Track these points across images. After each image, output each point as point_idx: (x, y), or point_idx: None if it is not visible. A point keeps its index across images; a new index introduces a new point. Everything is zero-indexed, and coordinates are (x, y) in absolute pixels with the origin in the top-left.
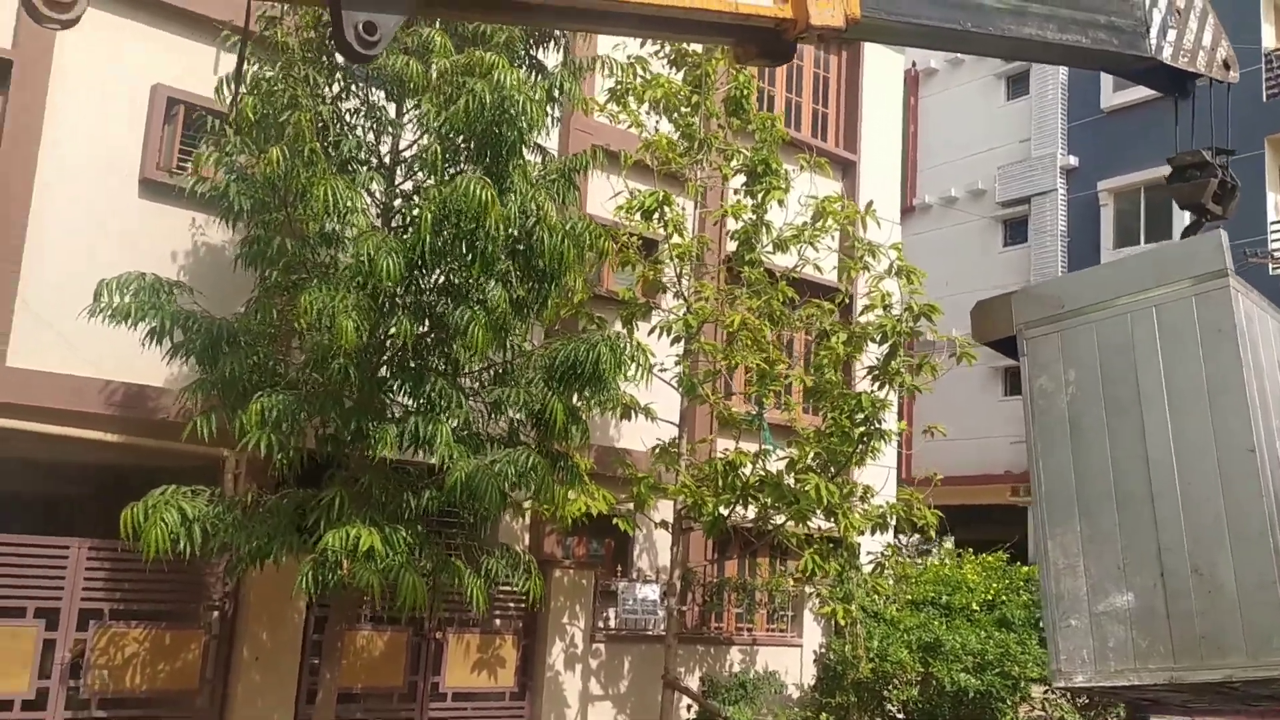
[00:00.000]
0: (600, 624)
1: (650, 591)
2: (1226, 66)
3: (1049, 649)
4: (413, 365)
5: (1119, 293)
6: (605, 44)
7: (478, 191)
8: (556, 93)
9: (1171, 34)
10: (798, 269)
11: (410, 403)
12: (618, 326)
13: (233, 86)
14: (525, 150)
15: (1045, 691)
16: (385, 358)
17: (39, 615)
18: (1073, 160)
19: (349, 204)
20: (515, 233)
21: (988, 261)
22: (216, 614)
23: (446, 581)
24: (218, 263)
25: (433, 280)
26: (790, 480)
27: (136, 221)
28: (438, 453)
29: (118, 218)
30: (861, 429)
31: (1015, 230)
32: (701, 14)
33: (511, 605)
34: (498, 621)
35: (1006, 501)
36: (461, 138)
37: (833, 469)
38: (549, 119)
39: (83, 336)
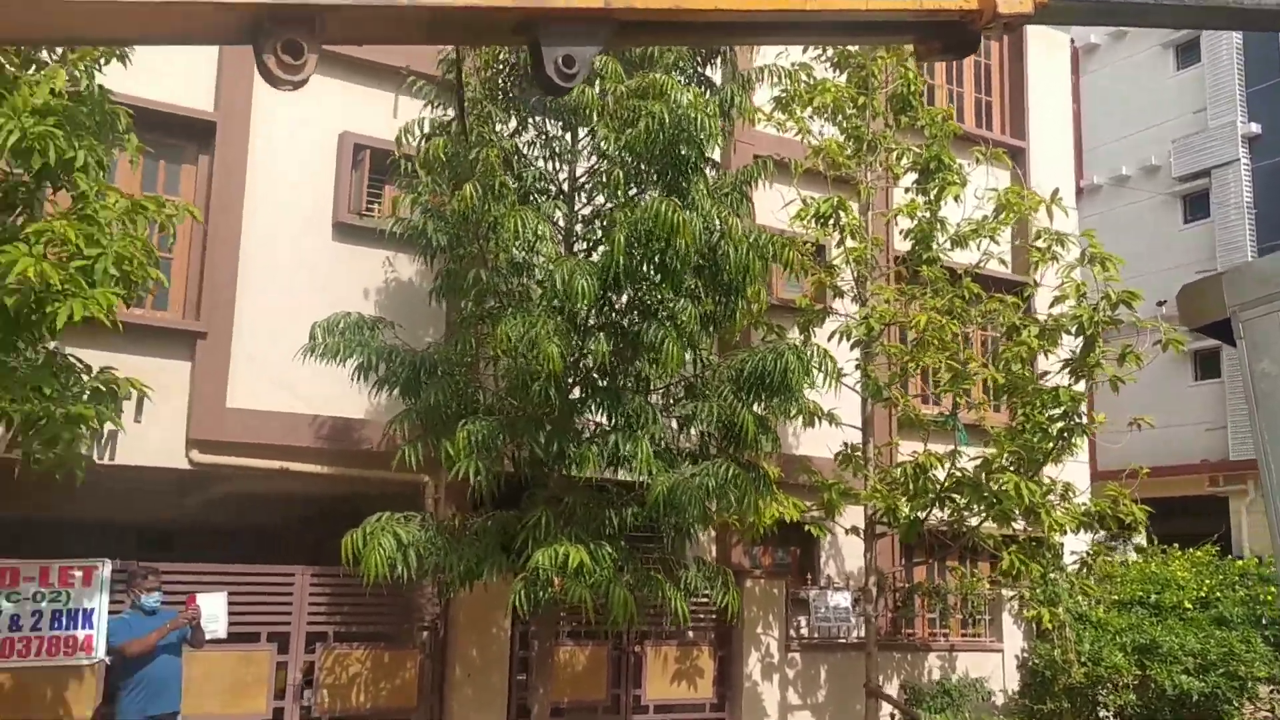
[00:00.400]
0: (794, 633)
1: (842, 599)
2: None
3: None
4: (604, 385)
5: None
6: (768, 53)
7: (667, 214)
8: (729, 107)
9: None
10: (981, 264)
11: (604, 421)
12: (793, 334)
13: (421, 130)
14: (704, 166)
15: (1272, 691)
16: (580, 379)
17: (271, 639)
18: (1255, 127)
19: (538, 233)
20: (701, 249)
21: (1167, 240)
22: (427, 634)
23: (650, 595)
24: (409, 297)
25: (622, 300)
26: (984, 479)
27: (332, 263)
28: (638, 469)
29: (315, 261)
30: (1060, 424)
31: (1195, 205)
32: (887, 14)
33: (704, 617)
34: (691, 634)
35: (1205, 492)
36: (642, 160)
37: (1029, 467)
38: (723, 134)
39: (292, 375)
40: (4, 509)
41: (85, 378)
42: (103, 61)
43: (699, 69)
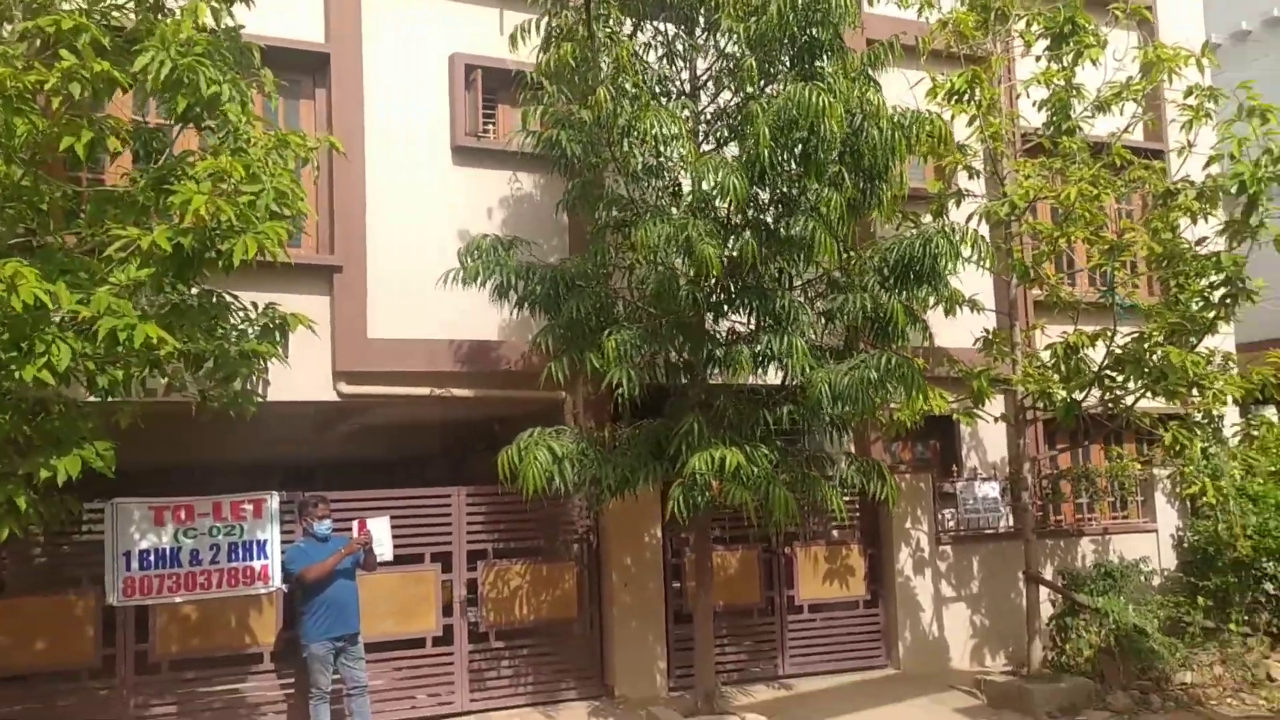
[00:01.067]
0: (942, 526)
1: (990, 489)
2: None
3: None
4: (751, 284)
5: None
6: None
7: (812, 99)
8: None
9: None
10: (1130, 129)
11: (747, 322)
12: (927, 219)
13: (541, 38)
14: (839, 47)
15: None
16: (722, 280)
17: (434, 559)
18: None
19: (674, 131)
20: (845, 133)
21: None
22: (581, 545)
23: (807, 493)
24: (534, 213)
25: (764, 195)
26: (1145, 354)
27: (454, 186)
28: (792, 368)
29: (438, 185)
30: (1222, 290)
31: None
32: None
33: (850, 516)
34: (837, 533)
35: None
36: (774, 46)
37: (1189, 338)
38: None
39: (428, 301)
40: (164, 453)
41: (253, 314)
42: None
43: None
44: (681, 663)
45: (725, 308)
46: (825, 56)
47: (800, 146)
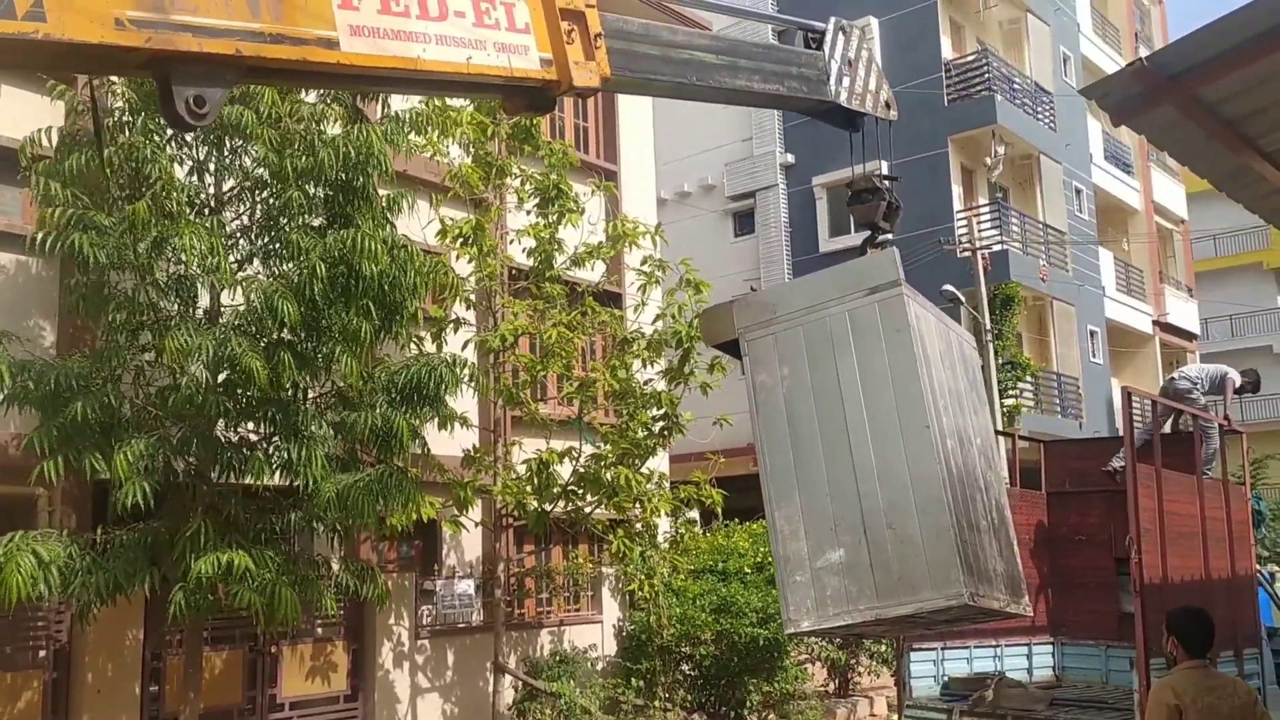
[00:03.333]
0: (422, 620)
1: (466, 586)
2: (888, 106)
3: (781, 603)
4: (272, 396)
5: (819, 300)
6: None
7: (364, 242)
8: (398, 140)
9: (846, 81)
10: (600, 285)
11: (259, 430)
12: (428, 344)
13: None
14: (374, 194)
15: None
16: (248, 393)
17: None
18: (790, 158)
19: (214, 249)
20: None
21: (723, 250)
22: (48, 652)
23: (308, 594)
24: (31, 300)
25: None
26: (602, 474)
27: None
28: (308, 475)
29: None
30: (661, 423)
31: (744, 222)
32: (481, 78)
33: (334, 615)
34: (320, 629)
35: (752, 471)
36: (312, 183)
37: (635, 460)
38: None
39: None
40: None
41: None
42: None
43: (356, 101)
44: None
45: (243, 416)
46: (361, 201)
47: (344, 281)
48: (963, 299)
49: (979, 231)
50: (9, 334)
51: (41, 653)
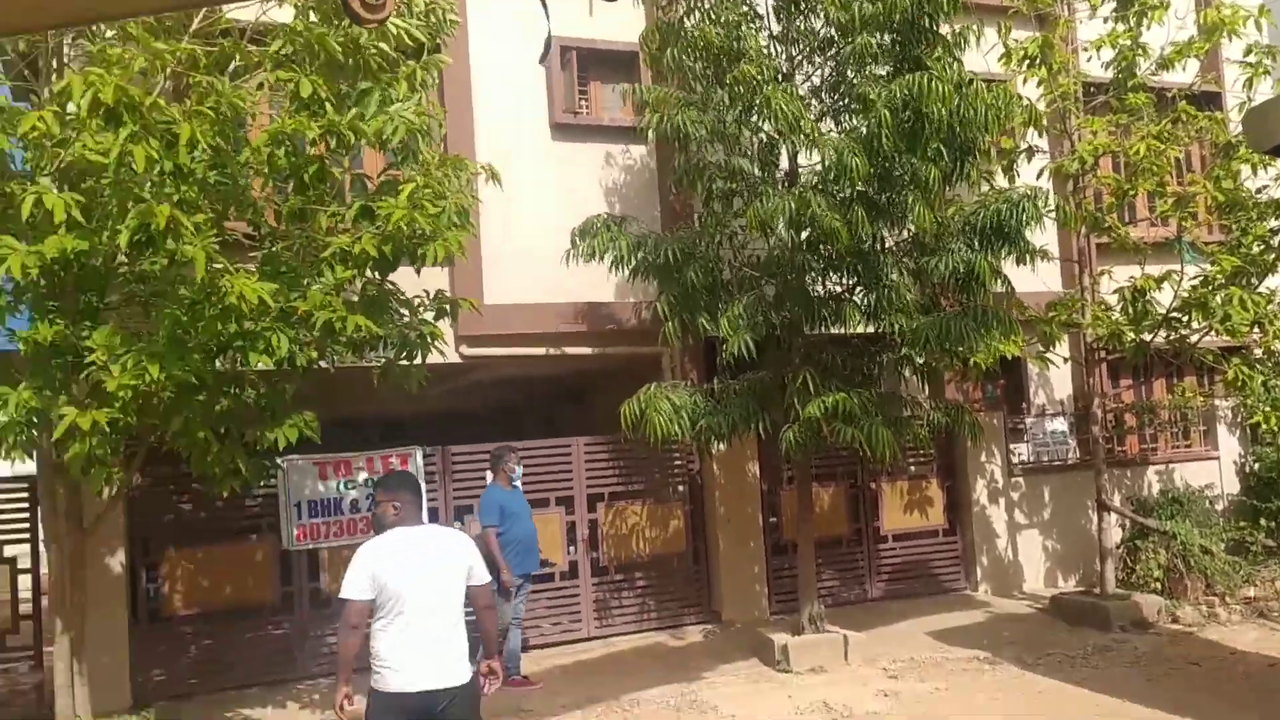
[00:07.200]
0: (1016, 458)
1: (1059, 424)
2: None
3: None
4: (854, 249)
5: None
6: None
7: (930, 85)
8: None
9: None
10: (1194, 86)
11: (846, 282)
12: (999, 178)
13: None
14: (940, 32)
15: None
16: (832, 248)
17: (559, 503)
18: None
19: (797, 110)
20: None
21: None
22: (684, 487)
23: (899, 433)
24: (630, 182)
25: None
26: (1210, 297)
27: (553, 160)
28: (893, 321)
29: (540, 159)
30: None
31: None
32: None
33: (927, 452)
34: (913, 468)
35: None
36: (882, 31)
37: (1251, 279)
38: None
39: (536, 269)
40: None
41: (428, 299)
42: None
43: None
44: (779, 590)
45: (828, 270)
46: (929, 41)
47: (909, 126)
48: None
49: None
50: (630, 218)
51: (680, 488)
